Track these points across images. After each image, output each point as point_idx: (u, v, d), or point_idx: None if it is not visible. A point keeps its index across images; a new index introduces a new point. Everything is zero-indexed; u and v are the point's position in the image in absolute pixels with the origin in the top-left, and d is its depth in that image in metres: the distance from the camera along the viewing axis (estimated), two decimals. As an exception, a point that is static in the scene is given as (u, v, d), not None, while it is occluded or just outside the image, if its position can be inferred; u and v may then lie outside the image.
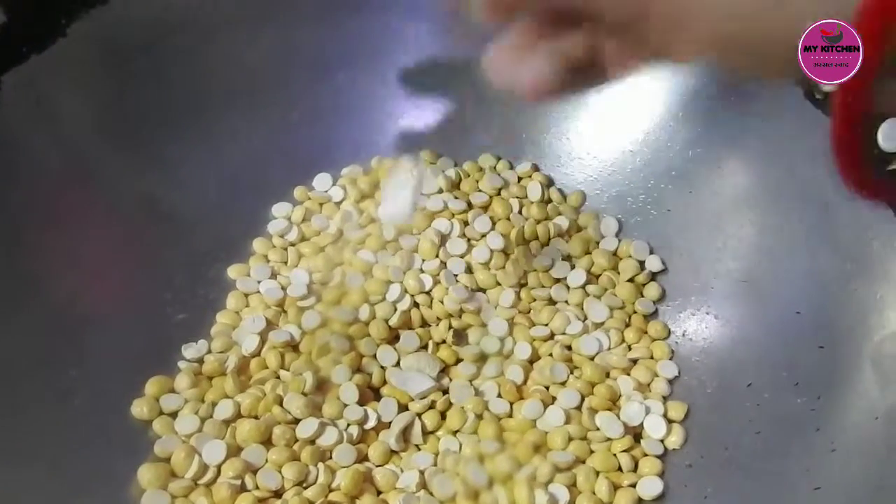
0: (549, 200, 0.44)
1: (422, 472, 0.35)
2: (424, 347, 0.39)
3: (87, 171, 0.38)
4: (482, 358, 0.39)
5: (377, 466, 0.35)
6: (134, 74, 0.40)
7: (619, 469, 0.36)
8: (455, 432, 0.37)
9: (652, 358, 0.39)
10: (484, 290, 0.41)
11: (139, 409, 0.35)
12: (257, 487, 0.34)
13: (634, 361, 0.39)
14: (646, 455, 0.36)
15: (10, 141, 0.36)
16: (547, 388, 0.38)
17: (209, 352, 0.38)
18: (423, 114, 0.46)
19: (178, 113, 0.42)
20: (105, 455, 0.34)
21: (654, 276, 0.41)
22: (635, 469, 0.36)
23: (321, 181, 0.45)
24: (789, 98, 0.37)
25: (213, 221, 0.42)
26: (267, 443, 0.35)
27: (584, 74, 0.25)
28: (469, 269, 0.42)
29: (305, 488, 0.34)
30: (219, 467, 0.34)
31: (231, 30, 0.42)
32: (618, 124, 0.43)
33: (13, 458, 0.32)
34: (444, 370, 0.39)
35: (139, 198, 0.40)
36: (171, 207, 0.41)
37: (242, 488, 0.34)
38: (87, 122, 0.39)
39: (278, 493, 0.34)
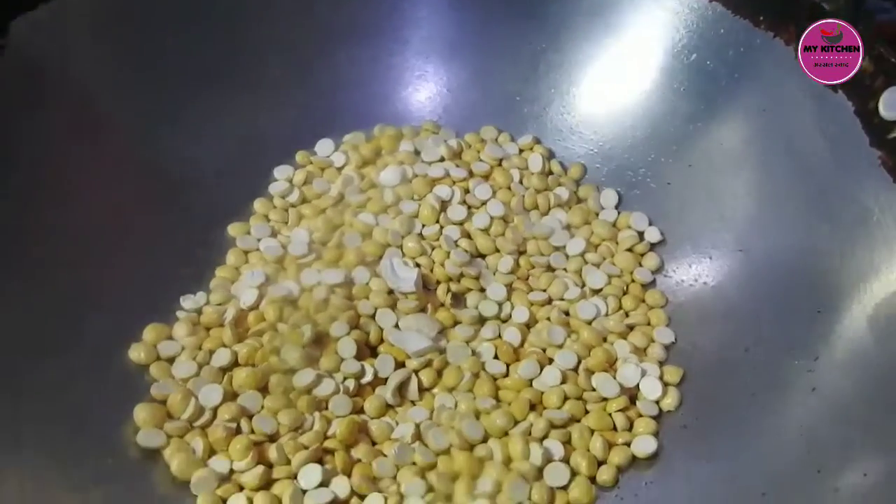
0: (550, 172, 0.44)
1: (417, 425, 0.35)
2: (423, 310, 0.39)
3: (95, 127, 0.38)
4: (480, 321, 0.39)
5: (372, 419, 0.35)
6: (141, 38, 0.40)
7: (614, 428, 0.36)
8: (451, 390, 0.37)
9: (649, 324, 0.39)
10: (483, 256, 0.41)
11: (137, 353, 0.35)
12: (252, 432, 0.33)
13: (631, 327, 0.39)
14: (641, 416, 0.36)
15: (21, 90, 0.36)
16: (544, 350, 0.38)
17: (207, 303, 0.38)
18: (426, 86, 0.47)
19: (184, 77, 0.42)
20: (101, 397, 0.33)
21: (652, 247, 0.42)
22: (630, 429, 0.36)
23: (323, 146, 0.45)
24: (790, 73, 0.38)
25: (217, 181, 0.42)
26: (263, 391, 0.35)
27: None
28: (468, 236, 0.42)
29: (301, 434, 0.34)
30: (215, 410, 0.34)
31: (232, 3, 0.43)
32: (619, 99, 0.44)
33: (15, 396, 0.31)
34: (442, 332, 0.39)
35: (145, 156, 0.40)
36: (175, 167, 0.41)
37: (238, 431, 0.33)
38: (98, 81, 0.39)
39: (273, 438, 0.34)
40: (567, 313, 0.39)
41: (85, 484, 0.31)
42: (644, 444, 0.35)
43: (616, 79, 0.44)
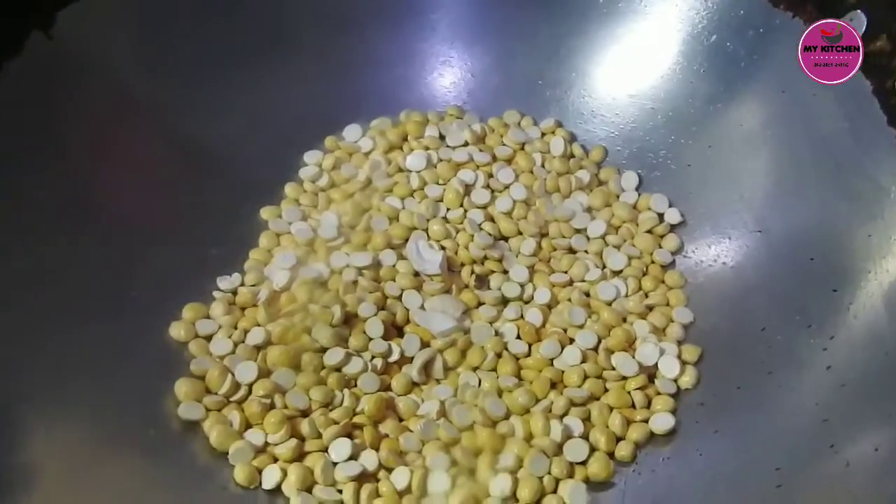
0: (572, 155, 0.45)
1: (442, 403, 0.36)
2: (448, 291, 0.40)
3: (136, 109, 0.40)
4: (503, 302, 0.40)
5: (399, 396, 0.37)
6: (179, 19, 0.42)
7: (633, 406, 0.37)
8: (475, 368, 0.38)
9: (668, 305, 0.40)
10: (506, 239, 0.43)
11: (177, 331, 0.37)
12: (286, 407, 0.35)
13: (651, 308, 0.40)
14: (659, 393, 0.37)
15: (64, 76, 0.37)
16: (565, 330, 0.39)
17: (242, 284, 0.40)
18: (451, 70, 0.48)
19: (219, 60, 0.43)
20: (145, 371, 0.35)
21: (672, 228, 0.42)
22: (648, 406, 0.37)
23: (351, 132, 0.46)
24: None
25: (249, 165, 0.44)
26: (295, 368, 0.37)
27: None
28: (491, 219, 0.43)
29: (331, 410, 0.35)
30: (250, 386, 0.36)
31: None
32: (640, 82, 0.45)
33: (64, 370, 0.33)
34: (466, 313, 0.40)
35: (182, 139, 0.42)
36: (211, 149, 0.43)
37: (272, 406, 0.35)
38: (134, 64, 0.40)
39: (305, 413, 0.35)
40: (588, 294, 0.40)
41: (128, 452, 0.33)
42: (662, 421, 0.36)
43: (637, 61, 0.44)
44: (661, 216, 0.43)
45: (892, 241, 0.34)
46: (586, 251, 0.42)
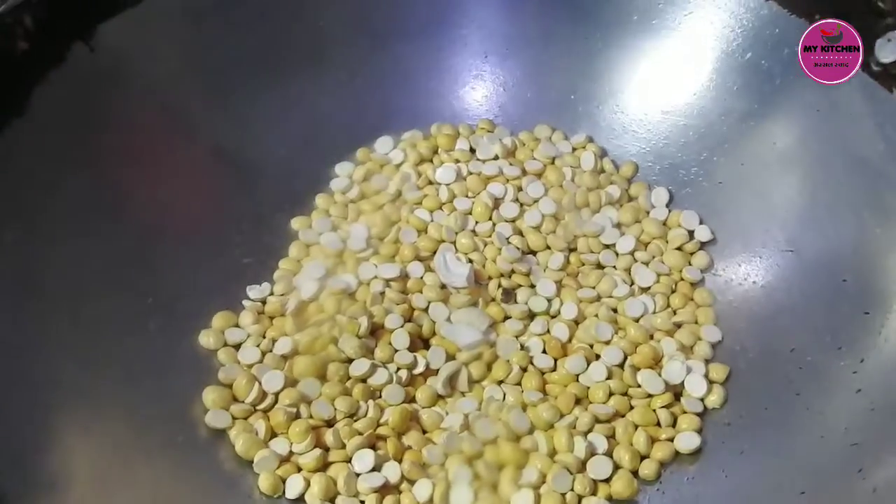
0: (602, 170, 0.45)
1: (466, 416, 0.36)
2: (475, 304, 0.40)
3: (170, 118, 0.41)
4: (530, 316, 0.40)
5: (423, 408, 0.37)
6: (218, 32, 0.42)
7: (658, 424, 0.36)
8: (500, 382, 0.38)
9: (696, 323, 0.40)
10: (534, 253, 0.43)
11: (206, 339, 0.38)
12: (311, 416, 0.36)
13: (679, 325, 0.39)
14: (685, 412, 0.37)
15: (105, 86, 0.38)
16: (591, 346, 0.39)
17: (271, 294, 0.40)
18: (483, 84, 0.48)
19: (253, 72, 0.44)
20: (173, 377, 0.36)
21: (702, 246, 0.42)
22: (674, 425, 0.36)
23: (382, 144, 0.46)
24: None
25: (281, 176, 0.44)
26: (321, 378, 0.37)
27: None
28: (520, 233, 0.43)
29: (356, 421, 0.36)
30: (276, 395, 0.36)
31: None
32: (672, 98, 0.44)
33: (94, 373, 0.34)
34: (493, 326, 0.40)
35: (215, 148, 0.42)
36: (243, 159, 0.43)
37: (297, 416, 0.36)
38: (171, 75, 0.41)
39: (330, 423, 0.36)
40: (615, 310, 0.40)
41: (157, 458, 0.33)
42: (687, 440, 0.35)
43: (670, 77, 0.44)
44: (691, 233, 0.42)
45: (927, 264, 0.34)
46: (615, 267, 0.42)
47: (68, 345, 0.34)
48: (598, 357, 0.39)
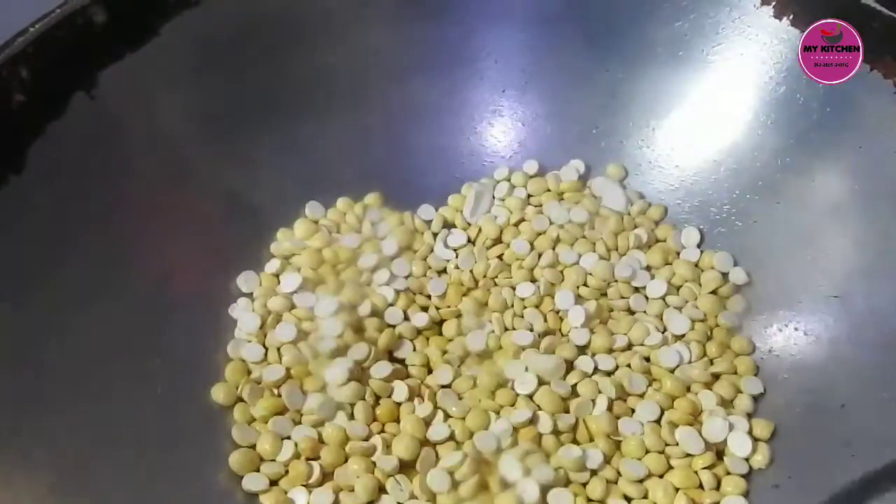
0: (627, 213, 0.43)
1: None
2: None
3: (176, 166, 0.39)
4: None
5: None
6: (221, 76, 0.40)
7: (701, 487, 0.34)
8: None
9: (735, 373, 0.37)
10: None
11: (218, 393, 0.36)
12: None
13: (717, 376, 0.37)
14: (729, 473, 0.34)
15: (107, 134, 0.37)
16: (624, 400, 0.37)
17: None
18: (501, 119, 0.46)
19: (261, 114, 0.42)
20: (185, 438, 0.34)
21: (738, 289, 0.40)
22: (718, 488, 0.34)
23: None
24: (889, 107, 0.36)
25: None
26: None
27: None
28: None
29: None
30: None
31: (313, 34, 0.43)
32: (702, 133, 0.42)
33: (101, 444, 0.32)
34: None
35: (223, 195, 0.40)
36: (252, 205, 0.41)
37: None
38: (177, 120, 0.39)
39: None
40: (648, 359, 0.38)
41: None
42: None
43: (699, 111, 0.42)
44: (724, 276, 0.40)
45: None
46: (645, 312, 0.40)
47: (69, 418, 0.32)
48: (632, 412, 0.36)
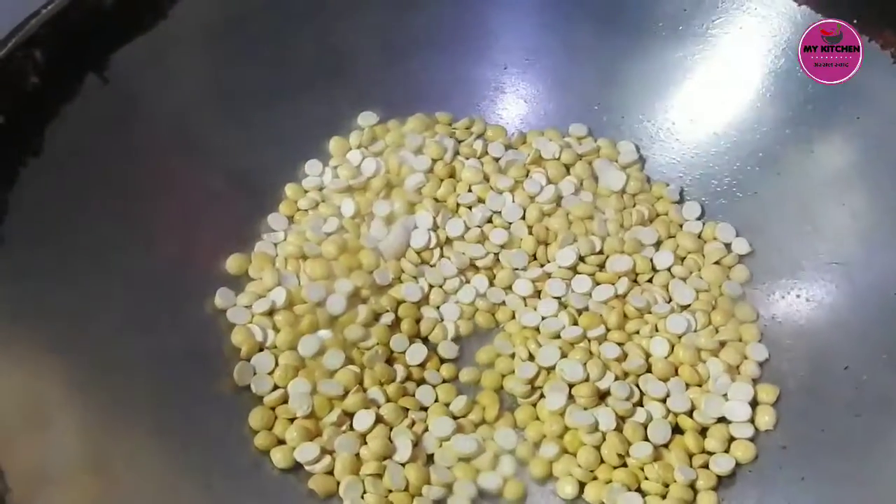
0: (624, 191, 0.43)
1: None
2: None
3: (189, 145, 0.39)
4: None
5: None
6: (228, 55, 0.41)
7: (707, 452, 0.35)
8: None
9: (741, 340, 0.38)
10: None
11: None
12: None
13: (723, 344, 0.38)
14: (734, 438, 0.35)
15: (120, 116, 0.37)
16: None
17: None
18: (503, 96, 0.46)
19: (267, 93, 0.42)
20: (206, 421, 0.35)
21: (741, 259, 0.41)
22: (728, 451, 0.35)
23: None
24: (886, 78, 0.37)
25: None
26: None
27: None
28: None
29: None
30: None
31: (317, 11, 0.43)
32: (702, 106, 0.43)
33: (120, 423, 0.32)
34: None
35: (233, 174, 0.41)
36: (259, 184, 0.42)
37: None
38: (188, 100, 0.39)
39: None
40: (657, 329, 0.39)
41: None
42: (723, 463, 0.35)
43: (699, 85, 0.43)
44: (727, 246, 0.41)
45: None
46: (650, 281, 0.41)
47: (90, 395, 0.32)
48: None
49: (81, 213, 0.35)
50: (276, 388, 0.36)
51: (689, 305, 0.40)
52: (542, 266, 0.41)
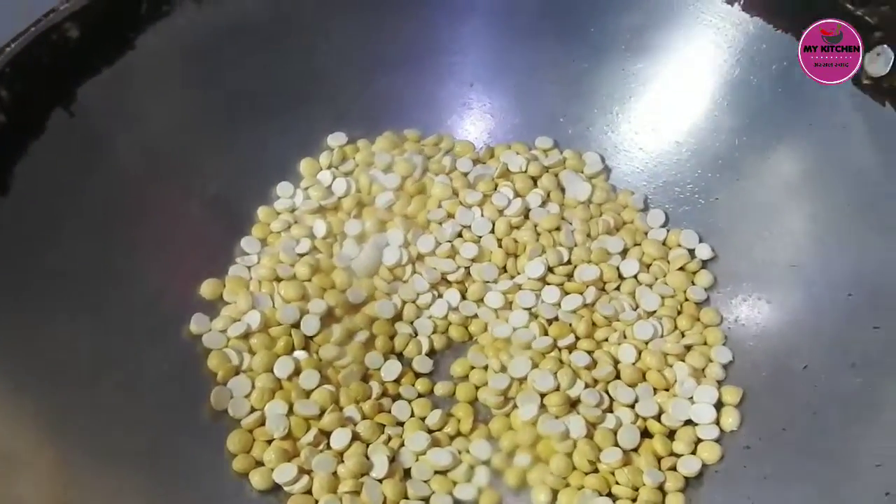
0: (590, 201, 0.44)
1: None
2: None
3: (159, 174, 0.40)
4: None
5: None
6: (196, 82, 0.41)
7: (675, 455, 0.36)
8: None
9: (706, 344, 0.40)
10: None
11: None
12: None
13: (689, 348, 0.39)
14: (701, 440, 0.37)
15: (89, 149, 0.37)
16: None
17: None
18: (470, 112, 0.47)
19: (235, 118, 0.43)
20: (184, 448, 0.35)
21: (704, 264, 0.42)
22: (694, 453, 0.36)
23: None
24: (836, 87, 0.38)
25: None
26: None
27: None
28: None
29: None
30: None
31: (283, 37, 0.44)
32: (663, 116, 0.44)
33: (98, 456, 0.33)
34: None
35: (205, 201, 0.42)
36: (232, 209, 0.43)
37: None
38: (157, 129, 0.40)
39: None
40: (625, 336, 0.40)
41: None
42: (690, 465, 0.36)
43: (660, 95, 0.44)
44: (691, 252, 0.42)
45: (933, 278, 0.34)
46: (618, 289, 0.42)
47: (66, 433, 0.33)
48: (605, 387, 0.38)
49: (53, 247, 0.35)
50: (253, 410, 0.37)
51: (655, 312, 0.41)
52: (512, 278, 0.42)
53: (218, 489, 0.34)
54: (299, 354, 0.38)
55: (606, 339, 0.40)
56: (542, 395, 0.37)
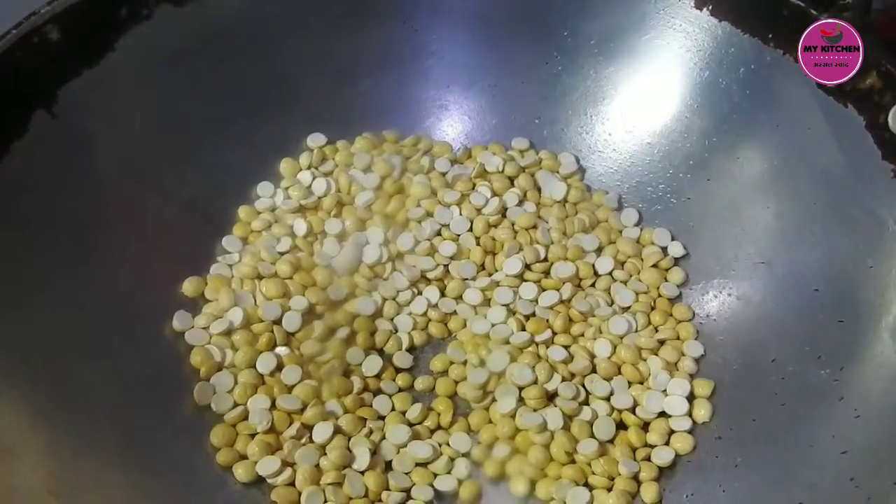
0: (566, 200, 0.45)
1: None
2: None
3: (139, 177, 0.40)
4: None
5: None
6: (176, 83, 0.42)
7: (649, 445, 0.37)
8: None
9: (678, 339, 0.41)
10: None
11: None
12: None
13: (662, 342, 0.41)
14: (673, 431, 0.38)
15: (70, 149, 0.38)
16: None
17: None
18: (447, 114, 0.48)
19: (217, 119, 0.43)
20: (168, 442, 0.36)
21: (676, 262, 0.43)
22: (668, 444, 0.37)
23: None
24: (801, 89, 0.39)
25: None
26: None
27: None
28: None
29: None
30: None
31: (263, 39, 0.44)
32: (635, 118, 0.45)
33: (85, 448, 0.33)
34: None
35: (185, 201, 0.42)
36: (212, 209, 0.43)
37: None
38: (138, 131, 0.41)
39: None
40: (600, 331, 0.41)
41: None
42: (664, 455, 0.37)
43: (631, 98, 0.45)
44: (664, 250, 0.44)
45: (893, 272, 0.35)
46: (593, 285, 0.43)
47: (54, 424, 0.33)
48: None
49: (35, 246, 0.36)
50: (235, 405, 0.37)
51: (629, 307, 0.42)
52: (490, 275, 0.43)
53: (202, 481, 0.35)
54: (281, 350, 0.39)
55: (583, 335, 0.41)
56: (521, 389, 0.38)
